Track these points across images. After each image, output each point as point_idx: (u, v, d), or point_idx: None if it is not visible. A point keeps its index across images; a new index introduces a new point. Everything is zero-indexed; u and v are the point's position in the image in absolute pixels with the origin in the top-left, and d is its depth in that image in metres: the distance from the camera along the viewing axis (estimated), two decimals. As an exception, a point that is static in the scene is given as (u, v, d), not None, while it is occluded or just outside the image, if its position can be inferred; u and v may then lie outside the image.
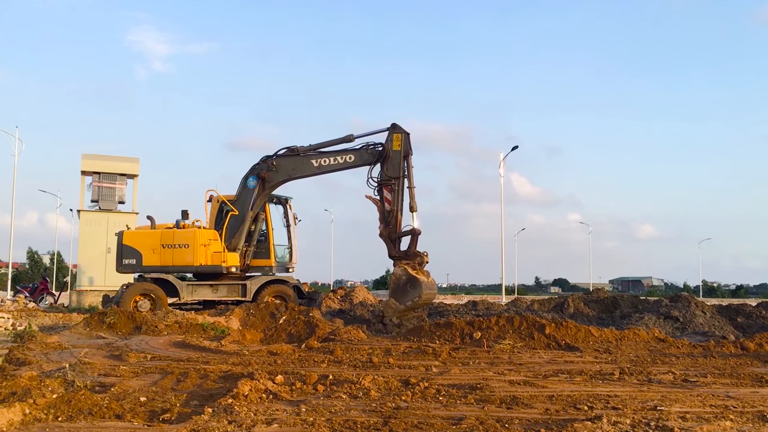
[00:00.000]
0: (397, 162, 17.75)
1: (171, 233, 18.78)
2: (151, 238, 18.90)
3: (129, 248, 18.77)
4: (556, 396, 6.88)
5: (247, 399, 6.30)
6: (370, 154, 18.00)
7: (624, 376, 8.42)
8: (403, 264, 16.57)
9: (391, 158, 17.71)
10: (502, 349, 11.27)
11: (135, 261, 18.69)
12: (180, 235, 18.76)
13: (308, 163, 18.34)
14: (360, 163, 18.24)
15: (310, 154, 18.37)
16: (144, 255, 18.67)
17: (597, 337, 12.31)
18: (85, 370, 8.16)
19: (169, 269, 18.82)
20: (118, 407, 5.82)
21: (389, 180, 17.61)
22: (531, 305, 20.18)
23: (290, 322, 13.83)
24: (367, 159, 18.02)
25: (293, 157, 18.47)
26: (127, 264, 18.77)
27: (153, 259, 18.68)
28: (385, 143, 17.90)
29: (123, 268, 18.84)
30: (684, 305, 17.58)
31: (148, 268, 18.77)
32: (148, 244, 18.83)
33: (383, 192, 17.73)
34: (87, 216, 26.50)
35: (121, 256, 18.79)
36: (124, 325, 13.58)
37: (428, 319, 16.02)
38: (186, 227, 18.88)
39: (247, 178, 18.88)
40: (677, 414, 5.93)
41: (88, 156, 27.33)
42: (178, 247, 18.68)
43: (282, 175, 18.65)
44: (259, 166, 18.80)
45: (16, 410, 5.28)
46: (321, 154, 18.29)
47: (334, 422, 5.45)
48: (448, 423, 5.50)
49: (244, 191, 18.92)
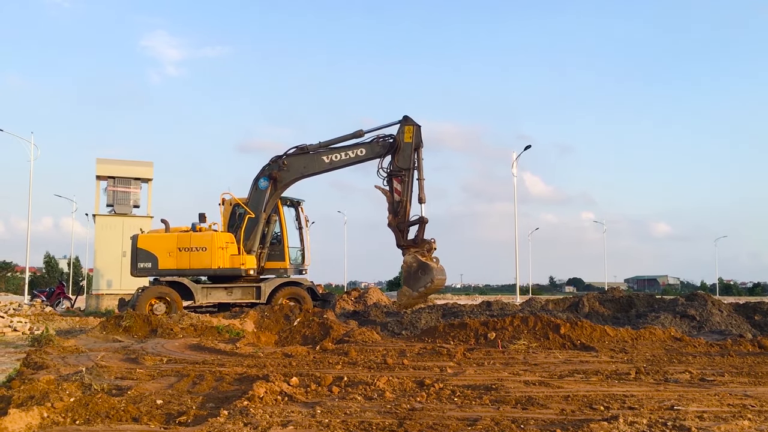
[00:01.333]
0: (408, 153, 17.93)
1: (188, 236, 18.83)
2: (167, 241, 18.90)
3: (144, 252, 18.76)
4: (572, 396, 6.85)
5: (263, 401, 6.32)
6: (381, 146, 18.14)
7: (640, 376, 8.37)
8: (413, 251, 16.76)
9: (402, 150, 17.90)
10: (517, 350, 11.24)
11: (150, 264, 18.67)
12: (197, 238, 18.82)
13: (319, 160, 18.43)
14: (371, 156, 18.37)
15: (320, 151, 18.45)
16: (160, 258, 18.67)
17: (612, 337, 12.25)
18: (102, 373, 8.21)
19: (186, 272, 18.80)
20: (134, 410, 5.86)
21: (399, 171, 17.80)
22: (545, 305, 20.09)
23: (305, 324, 13.86)
24: (379, 151, 18.14)
25: (304, 155, 18.53)
26: (142, 268, 18.77)
27: (169, 262, 18.68)
28: (396, 135, 18.02)
29: (138, 271, 18.85)
30: (700, 304, 17.44)
31: (164, 271, 18.75)
32: (164, 247, 18.82)
33: (393, 183, 17.94)
34: (102, 220, 26.69)
35: (136, 260, 18.78)
36: (140, 329, 13.68)
37: (442, 320, 16.01)
38: (203, 230, 18.98)
39: (258, 179, 18.90)
40: (694, 413, 5.89)
41: (102, 161, 27.54)
42: (195, 251, 18.73)
43: (293, 174, 18.68)
44: (269, 167, 18.82)
45: (35, 414, 5.33)
46: (332, 150, 18.38)
47: (349, 424, 5.45)
48: (463, 424, 5.49)
49: (256, 192, 18.95)
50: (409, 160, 17.92)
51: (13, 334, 14.86)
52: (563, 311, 18.23)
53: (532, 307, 19.64)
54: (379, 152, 18.17)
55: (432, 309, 19.06)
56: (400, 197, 17.84)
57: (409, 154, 17.97)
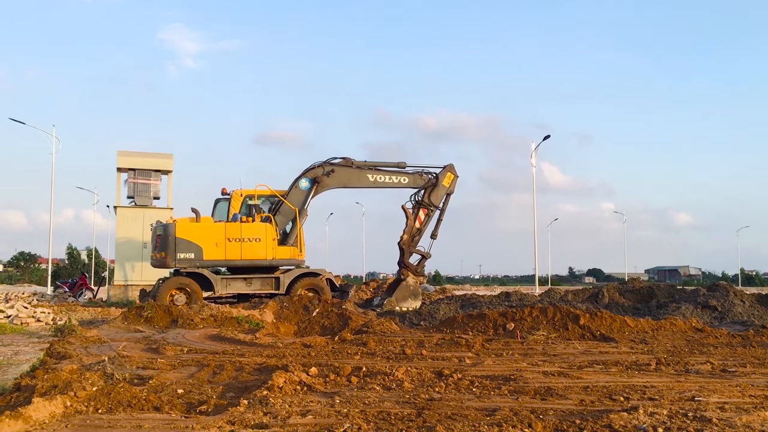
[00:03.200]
0: (441, 194, 20.78)
1: (237, 227, 18.70)
2: (212, 231, 18.60)
3: (185, 242, 18.22)
4: (592, 387, 6.82)
5: (282, 391, 6.36)
6: (424, 180, 20.68)
7: (661, 367, 8.31)
8: (415, 278, 20.20)
9: (438, 189, 20.66)
10: (535, 340, 11.20)
11: (194, 255, 18.25)
12: (249, 228, 18.70)
13: (364, 177, 20.29)
14: (412, 186, 20.77)
15: (365, 169, 20.27)
16: (204, 249, 18.29)
17: (633, 328, 12.16)
18: (123, 363, 8.30)
19: (236, 263, 18.70)
20: (156, 399, 5.92)
21: (429, 205, 20.60)
22: (565, 296, 19.98)
23: (323, 315, 13.92)
24: (420, 184, 20.70)
25: (349, 168, 20.12)
26: (183, 258, 18.22)
27: (216, 252, 18.39)
28: (438, 174, 20.73)
29: (179, 262, 18.27)
30: (722, 294, 17.26)
31: (209, 262, 18.51)
32: (210, 237, 18.45)
33: (419, 211, 20.61)
34: (123, 212, 26.90)
35: (174, 250, 18.15)
36: (161, 319, 13.80)
37: (461, 310, 16.00)
38: (248, 221, 18.98)
39: (300, 179, 19.80)
40: (716, 404, 5.84)
41: (123, 153, 27.73)
42: (248, 241, 18.59)
43: (336, 183, 20.13)
44: (315, 170, 19.86)
45: (58, 403, 5.40)
46: (378, 171, 20.37)
47: (368, 413, 5.47)
48: (481, 414, 5.49)
49: (297, 191, 19.74)
50: (440, 200, 20.73)
51: (37, 325, 15.07)
52: (582, 302, 18.13)
53: (551, 297, 19.54)
54: (419, 184, 20.69)
55: (451, 300, 19.07)
56: (420, 226, 20.59)
57: (442, 195, 20.78)
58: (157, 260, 18.84)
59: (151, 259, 19.46)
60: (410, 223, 20.50)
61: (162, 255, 18.39)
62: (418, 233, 20.72)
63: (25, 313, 15.55)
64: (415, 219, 20.61)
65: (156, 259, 18.84)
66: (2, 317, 15.23)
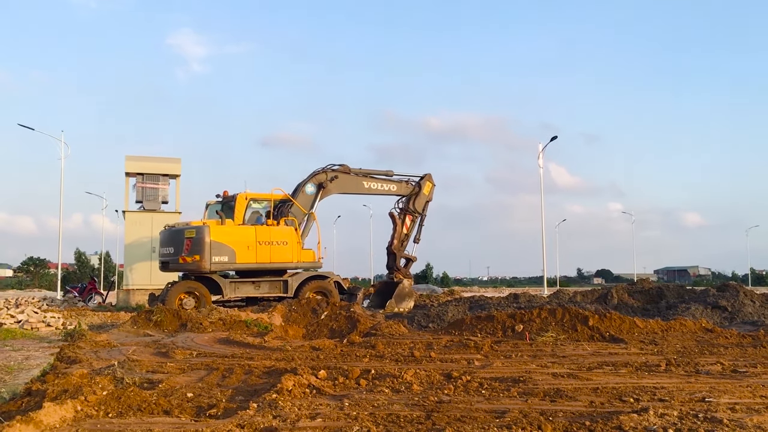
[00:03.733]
0: (423, 202, 23.15)
1: (267, 230, 18.79)
2: (245, 234, 18.57)
3: (219, 245, 18.03)
4: (601, 388, 6.80)
5: (291, 394, 6.37)
6: (409, 188, 22.83)
7: (671, 368, 8.28)
8: (407, 279, 22.51)
9: (420, 197, 22.97)
10: (544, 342, 11.18)
11: (227, 258, 18.11)
12: (277, 232, 18.86)
13: (360, 184, 21.81)
14: (399, 194, 22.85)
15: (360, 176, 21.79)
16: (237, 252, 18.21)
17: (642, 329, 12.12)
18: (133, 367, 8.33)
19: (266, 266, 18.80)
20: (166, 403, 5.94)
21: (414, 212, 22.91)
22: (573, 297, 19.94)
23: (332, 318, 13.94)
24: (405, 191, 22.83)
25: (349, 175, 21.37)
26: (218, 262, 18.00)
27: (248, 256, 18.37)
28: (420, 182, 23.04)
29: (214, 265, 17.99)
30: (732, 294, 17.17)
31: (242, 265, 18.50)
32: (242, 240, 18.39)
33: (405, 217, 22.82)
34: (132, 216, 26.98)
35: (210, 254, 17.86)
36: (170, 323, 13.84)
37: (469, 312, 15.99)
38: (272, 225, 19.08)
39: (306, 184, 20.30)
40: (726, 405, 5.81)
41: (131, 158, 27.81)
42: (276, 244, 18.68)
43: (338, 189, 21.15)
44: (319, 176, 20.69)
45: (68, 407, 5.43)
46: (371, 179, 22.11)
47: (377, 416, 5.47)
48: (491, 416, 5.48)
49: (303, 196, 20.23)
50: (422, 207, 23.08)
51: (47, 329, 15.12)
52: (591, 303, 18.08)
53: (559, 299, 19.50)
54: (405, 192, 22.82)
55: (459, 302, 19.05)
56: (407, 232, 22.92)
57: (423, 202, 23.14)
58: (188, 264, 18.15)
59: (177, 263, 18.53)
60: (398, 229, 22.69)
61: (196, 258, 17.86)
62: (406, 238, 23.05)
63: (35, 318, 15.62)
64: (402, 225, 22.77)
65: (188, 263, 18.14)
66: (12, 322, 15.30)
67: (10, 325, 15.04)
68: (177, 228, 18.98)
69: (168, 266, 19.09)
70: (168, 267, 19.16)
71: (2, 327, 14.57)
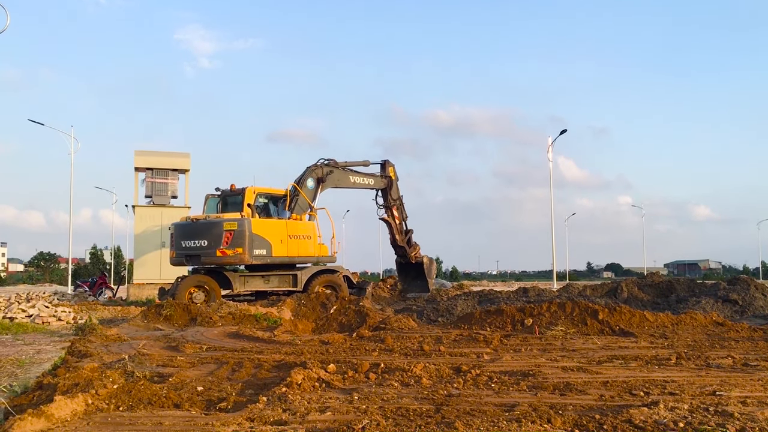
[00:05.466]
0: (397, 186, 24.14)
1: (295, 224, 19.09)
2: (279, 227, 18.90)
3: (259, 238, 18.29)
4: (611, 382, 6.78)
5: (301, 387, 6.38)
6: (383, 182, 23.57)
7: (681, 361, 8.24)
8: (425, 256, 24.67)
9: (393, 188, 23.91)
10: (554, 336, 11.15)
11: (265, 251, 18.36)
12: (303, 226, 19.26)
13: (348, 179, 22.24)
14: (377, 188, 23.61)
15: (348, 171, 22.28)
16: (273, 245, 18.52)
17: (652, 322, 12.07)
18: (143, 361, 8.37)
19: (295, 260, 19.21)
20: (176, 397, 5.96)
21: (396, 200, 23.97)
22: (583, 291, 19.87)
23: (341, 312, 13.94)
24: (381, 185, 23.55)
25: (339, 170, 21.78)
26: (257, 254, 18.22)
27: (281, 249, 18.70)
28: (387, 173, 23.77)
29: (255, 258, 18.18)
30: (743, 288, 17.08)
31: (277, 258, 18.75)
32: (277, 233, 18.72)
33: (393, 212, 23.96)
34: (141, 211, 27.07)
35: (252, 246, 17.99)
36: (180, 317, 13.88)
37: (479, 306, 15.98)
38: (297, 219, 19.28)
39: (306, 179, 20.44)
40: (737, 399, 5.79)
41: (140, 152, 27.89)
42: (302, 238, 19.10)
43: (331, 183, 21.36)
44: (317, 171, 20.86)
45: (79, 400, 5.46)
46: (355, 173, 22.61)
47: (386, 410, 5.47)
48: (500, 410, 5.47)
49: (304, 190, 20.19)
50: (398, 190, 24.20)
51: (58, 324, 15.22)
52: (601, 297, 18.03)
53: (569, 293, 19.45)
54: (381, 186, 23.56)
55: (468, 296, 19.06)
56: (400, 220, 24.28)
57: (397, 186, 24.14)
58: (229, 257, 17.93)
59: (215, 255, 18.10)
60: (394, 225, 24.10)
61: (239, 251, 17.81)
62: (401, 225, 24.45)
63: (46, 313, 15.71)
64: (394, 220, 24.06)
65: (228, 256, 17.91)
66: (24, 317, 15.41)
67: (22, 319, 15.14)
68: (210, 221, 18.54)
69: (199, 259, 18.50)
70: (198, 260, 18.55)
71: (14, 321, 14.69)
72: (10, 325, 14.03)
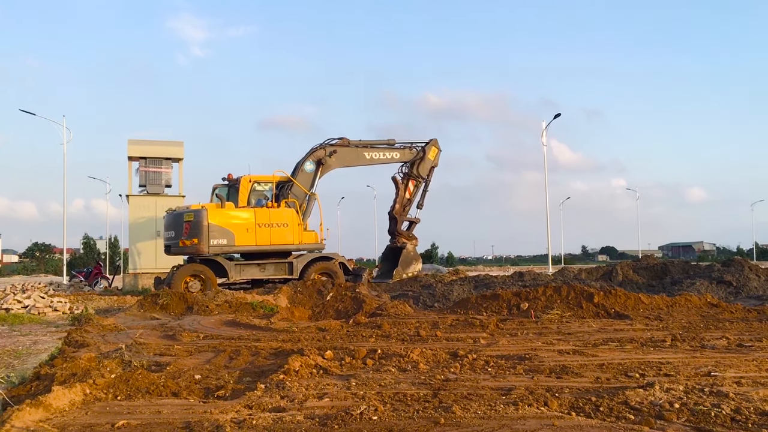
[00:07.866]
0: (428, 167, 23.12)
1: (266, 212, 18.77)
2: (243, 217, 18.62)
3: (218, 228, 18.09)
4: (607, 364, 6.82)
5: (298, 374, 6.40)
6: (413, 154, 22.85)
7: (676, 343, 8.30)
8: (411, 242, 22.85)
9: (425, 162, 22.95)
10: (550, 319, 11.20)
11: (226, 241, 18.16)
12: (277, 214, 18.89)
13: (362, 156, 21.69)
14: (403, 160, 22.88)
15: (361, 148, 21.71)
16: (236, 235, 18.27)
17: (647, 305, 12.13)
18: (140, 350, 8.37)
19: (267, 249, 18.84)
20: (174, 385, 5.97)
21: (418, 177, 22.96)
22: (578, 274, 19.95)
23: (337, 299, 13.97)
24: (409, 158, 22.88)
25: (349, 148, 21.27)
26: (216, 245, 18.05)
27: (248, 238, 18.44)
28: (425, 147, 22.97)
29: (213, 248, 18.04)
30: (737, 269, 17.18)
31: (242, 248, 18.58)
32: (241, 223, 18.46)
33: (408, 182, 22.95)
34: (136, 200, 26.97)
35: (208, 237, 17.91)
36: (177, 306, 13.88)
37: (475, 291, 16.02)
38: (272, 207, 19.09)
39: (304, 162, 20.16)
40: (732, 379, 5.83)
41: (134, 141, 27.72)
42: (276, 226, 18.72)
43: (339, 163, 21.03)
44: (318, 152, 20.58)
45: (77, 390, 5.46)
46: (373, 149, 21.98)
47: (384, 395, 5.50)
48: (497, 393, 5.50)
49: (302, 175, 20.16)
50: (427, 171, 23.08)
51: (54, 314, 15.20)
52: (596, 280, 18.09)
53: (564, 276, 19.52)
54: (409, 158, 22.87)
55: (464, 281, 19.09)
56: (410, 197, 23.06)
57: (428, 167, 23.10)
58: (188, 247, 18.20)
59: (178, 246, 18.55)
60: (401, 193, 22.92)
61: (195, 242, 17.96)
62: (409, 203, 23.15)
63: (42, 303, 15.69)
64: (405, 190, 22.94)
65: (187, 246, 18.19)
66: (20, 307, 15.38)
67: (18, 310, 15.11)
68: (178, 212, 19.03)
69: (170, 250, 19.15)
70: (170, 250, 19.22)
71: (10, 312, 14.66)
72: (6, 316, 14.00)
